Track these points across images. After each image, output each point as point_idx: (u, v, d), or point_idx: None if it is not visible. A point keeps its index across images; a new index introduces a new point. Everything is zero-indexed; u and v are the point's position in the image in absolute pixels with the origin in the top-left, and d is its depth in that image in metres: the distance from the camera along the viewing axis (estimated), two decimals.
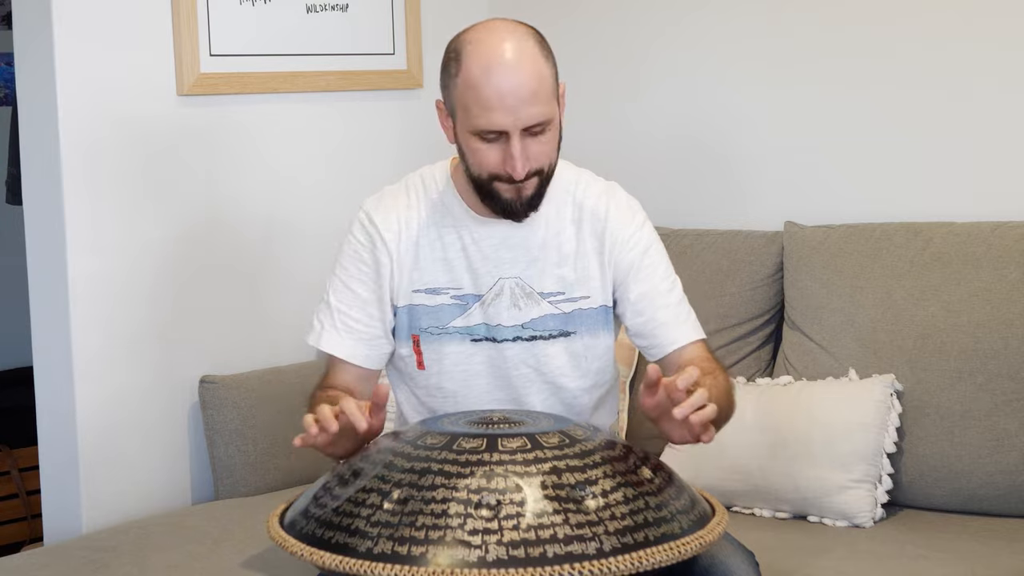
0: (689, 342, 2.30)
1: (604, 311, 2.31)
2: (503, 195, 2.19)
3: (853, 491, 2.70)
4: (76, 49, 2.90)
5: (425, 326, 2.28)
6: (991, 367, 2.73)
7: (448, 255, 2.27)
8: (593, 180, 2.34)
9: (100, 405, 2.95)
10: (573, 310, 2.28)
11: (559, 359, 2.29)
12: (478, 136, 2.16)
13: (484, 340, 2.27)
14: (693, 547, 1.82)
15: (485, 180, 2.19)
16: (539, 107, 2.13)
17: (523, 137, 2.14)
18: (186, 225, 3.09)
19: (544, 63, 2.16)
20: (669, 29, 3.46)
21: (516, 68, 2.12)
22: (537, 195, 2.21)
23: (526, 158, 2.15)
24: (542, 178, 2.20)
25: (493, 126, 2.13)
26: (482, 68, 2.13)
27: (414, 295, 2.28)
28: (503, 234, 2.27)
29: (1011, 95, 2.99)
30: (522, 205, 2.21)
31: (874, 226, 3.00)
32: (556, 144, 2.21)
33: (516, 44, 2.14)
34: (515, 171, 2.15)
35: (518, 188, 2.18)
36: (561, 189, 2.30)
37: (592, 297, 2.29)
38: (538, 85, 2.13)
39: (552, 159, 2.21)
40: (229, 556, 2.58)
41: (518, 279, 2.27)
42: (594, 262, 2.29)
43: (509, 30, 2.17)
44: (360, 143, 3.42)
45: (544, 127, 2.15)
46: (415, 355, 2.29)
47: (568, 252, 2.28)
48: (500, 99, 2.11)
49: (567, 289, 2.28)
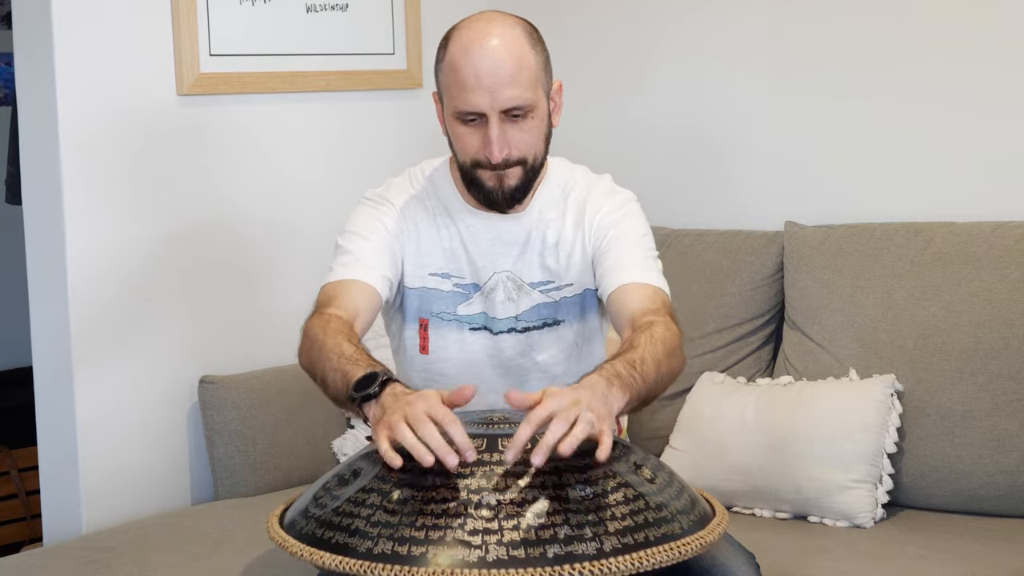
0: (632, 283, 2.18)
1: (589, 295, 2.31)
2: (485, 183, 2.20)
3: (853, 491, 2.70)
4: (76, 49, 2.89)
5: (437, 311, 2.29)
6: (992, 367, 2.72)
7: (452, 245, 2.30)
8: (584, 174, 2.35)
9: (100, 405, 2.95)
10: (560, 298, 2.30)
11: (552, 348, 2.30)
12: (459, 119, 2.17)
13: (482, 329, 2.29)
14: (693, 547, 1.82)
15: (469, 167, 2.20)
16: (517, 90, 2.13)
17: (502, 121, 2.14)
18: (186, 225, 3.09)
19: (529, 50, 2.16)
20: (671, 28, 3.46)
21: (495, 49, 2.13)
22: (521, 187, 2.21)
23: (504, 143, 2.15)
24: (526, 169, 2.20)
25: (470, 107, 2.14)
26: (463, 49, 2.15)
27: (429, 278, 2.29)
28: (496, 228, 2.28)
29: (1011, 95, 2.99)
30: (504, 195, 2.21)
31: (874, 226, 2.99)
32: (541, 135, 2.20)
33: (501, 29, 2.16)
34: (492, 154, 2.15)
35: (499, 176, 2.18)
36: (555, 185, 2.31)
37: (575, 284, 2.30)
38: (517, 69, 2.13)
39: (537, 150, 2.21)
40: (229, 556, 2.58)
41: (509, 272, 2.29)
42: (576, 249, 2.29)
43: (499, 18, 2.19)
44: (360, 143, 3.42)
45: (525, 113, 2.15)
46: (419, 339, 2.30)
47: (551, 242, 2.29)
48: (477, 79, 2.12)
49: (555, 278, 2.29)
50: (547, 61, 2.22)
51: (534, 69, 2.16)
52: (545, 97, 2.20)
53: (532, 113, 2.17)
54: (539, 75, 2.18)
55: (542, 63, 2.19)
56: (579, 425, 1.78)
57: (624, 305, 2.17)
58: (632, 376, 1.93)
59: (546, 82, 2.21)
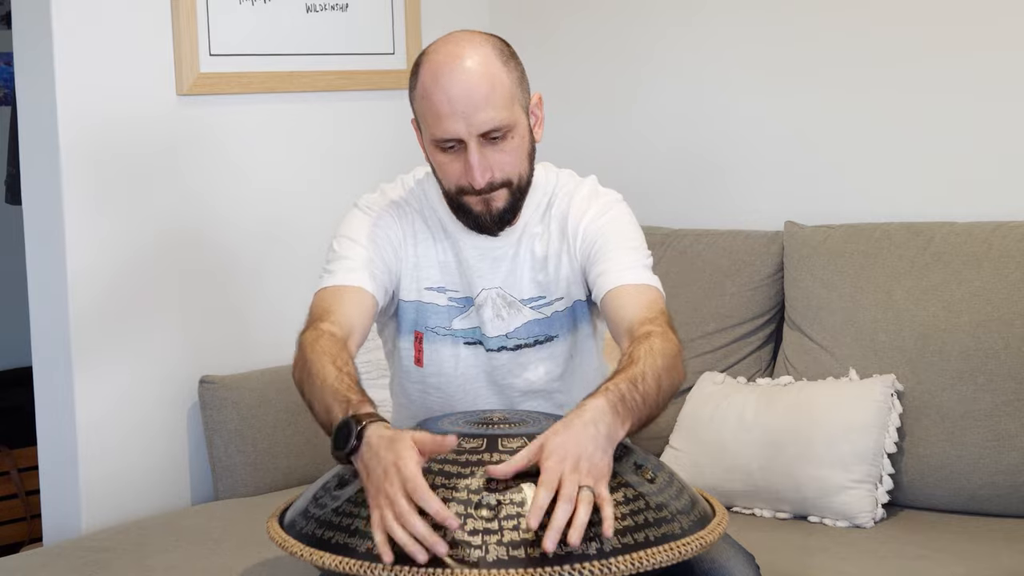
0: (624, 284, 2.13)
1: (578, 305, 2.26)
2: (473, 208, 2.15)
3: (853, 491, 2.70)
4: (76, 49, 2.89)
5: (432, 326, 2.26)
6: (992, 367, 2.72)
7: (445, 258, 2.26)
8: (568, 179, 2.29)
9: (100, 405, 2.95)
10: (552, 313, 2.26)
11: (546, 364, 2.26)
12: (438, 147, 2.12)
13: (476, 344, 2.26)
14: (693, 547, 1.82)
15: (454, 194, 2.15)
16: (493, 112, 2.08)
17: (481, 144, 2.09)
18: (186, 225, 3.09)
19: (501, 68, 2.10)
20: (671, 31, 3.45)
21: (466, 73, 2.07)
22: (509, 209, 2.17)
23: (486, 167, 2.10)
24: (512, 190, 2.15)
25: (447, 134, 2.09)
26: (432, 76, 2.09)
27: (425, 292, 2.25)
28: (484, 245, 2.23)
29: (1011, 95, 2.99)
30: (493, 219, 2.16)
31: (874, 226, 3.00)
32: (524, 153, 2.15)
33: (470, 51, 2.10)
34: (474, 180, 2.10)
35: (486, 200, 2.14)
36: (541, 193, 2.26)
37: (565, 297, 2.26)
38: (490, 90, 2.08)
39: (521, 170, 2.15)
40: (229, 556, 2.58)
41: (499, 289, 2.24)
42: (564, 260, 2.24)
43: (466, 39, 2.13)
44: (360, 143, 3.41)
45: (503, 133, 2.10)
46: (415, 351, 2.28)
47: (540, 255, 2.24)
48: (451, 105, 2.07)
49: (546, 292, 2.25)
50: (522, 76, 2.16)
51: (508, 87, 2.10)
52: (524, 113, 2.14)
53: (511, 133, 2.11)
54: (514, 92, 2.12)
55: (516, 79, 2.13)
56: (581, 507, 1.73)
57: (620, 311, 2.12)
58: (634, 398, 1.89)
59: (523, 98, 2.15)
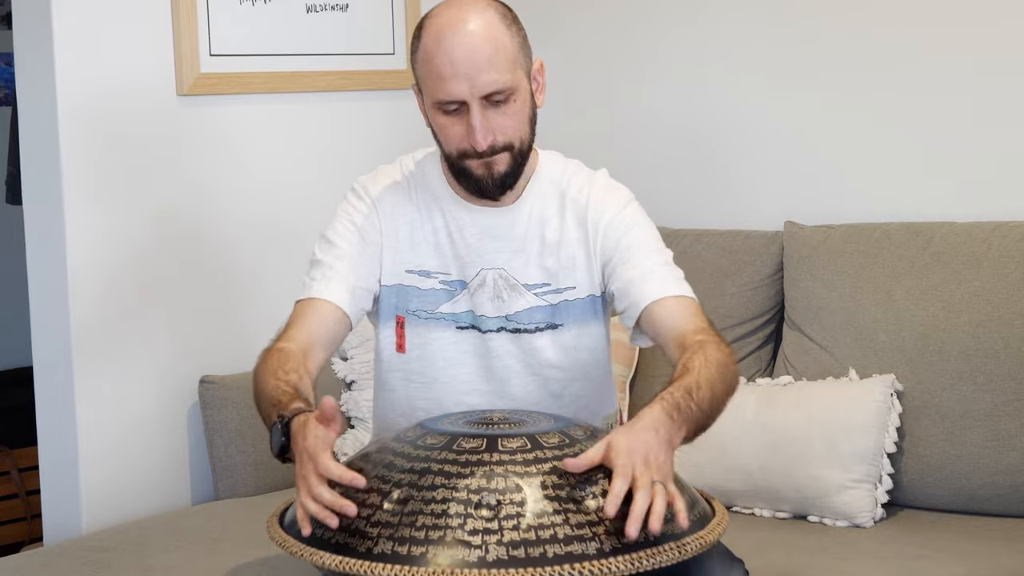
0: (666, 296, 2.15)
1: (592, 301, 2.26)
2: (474, 172, 2.16)
3: (853, 491, 2.70)
4: (76, 49, 2.90)
5: (413, 308, 2.25)
6: (991, 367, 2.72)
7: (438, 239, 2.25)
8: (579, 169, 2.30)
9: (100, 405, 2.95)
10: (560, 302, 2.25)
11: (546, 352, 2.26)
12: (440, 110, 2.13)
13: (470, 328, 2.25)
14: (693, 547, 1.82)
15: (456, 158, 2.17)
16: (496, 74, 2.09)
17: (484, 107, 2.10)
18: (187, 224, 3.09)
19: (504, 31, 2.12)
20: (674, 30, 3.46)
21: (469, 35, 2.09)
22: (510, 173, 2.17)
23: (488, 129, 2.11)
24: (513, 154, 2.16)
25: (450, 95, 2.10)
26: (435, 38, 2.11)
27: (406, 275, 2.25)
28: (486, 222, 2.24)
29: (1011, 95, 2.99)
30: (494, 183, 2.17)
31: (874, 226, 3.00)
32: (526, 118, 2.16)
33: (472, 14, 2.11)
34: (476, 142, 2.11)
35: (487, 164, 2.15)
36: (548, 180, 2.27)
37: (578, 288, 2.25)
38: (493, 52, 2.09)
39: (522, 133, 2.16)
40: (229, 556, 2.58)
41: (501, 270, 2.24)
42: (580, 251, 2.24)
43: (469, 2, 2.14)
44: (360, 143, 3.41)
45: (506, 96, 2.11)
46: (396, 336, 2.27)
47: (552, 241, 2.24)
48: (453, 67, 2.08)
49: (552, 280, 2.25)
50: (524, 41, 2.17)
51: (511, 51, 2.12)
52: (526, 78, 2.16)
53: (514, 96, 2.12)
54: (517, 56, 2.13)
55: (519, 44, 2.14)
56: (658, 499, 1.76)
57: (666, 321, 2.13)
58: (689, 407, 1.90)
59: (525, 63, 2.16)
